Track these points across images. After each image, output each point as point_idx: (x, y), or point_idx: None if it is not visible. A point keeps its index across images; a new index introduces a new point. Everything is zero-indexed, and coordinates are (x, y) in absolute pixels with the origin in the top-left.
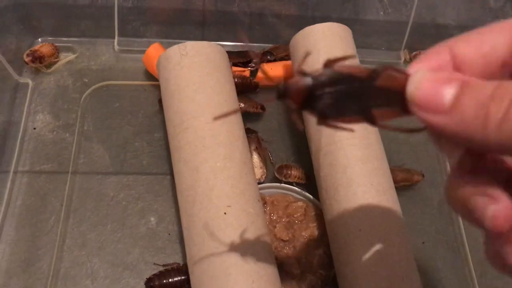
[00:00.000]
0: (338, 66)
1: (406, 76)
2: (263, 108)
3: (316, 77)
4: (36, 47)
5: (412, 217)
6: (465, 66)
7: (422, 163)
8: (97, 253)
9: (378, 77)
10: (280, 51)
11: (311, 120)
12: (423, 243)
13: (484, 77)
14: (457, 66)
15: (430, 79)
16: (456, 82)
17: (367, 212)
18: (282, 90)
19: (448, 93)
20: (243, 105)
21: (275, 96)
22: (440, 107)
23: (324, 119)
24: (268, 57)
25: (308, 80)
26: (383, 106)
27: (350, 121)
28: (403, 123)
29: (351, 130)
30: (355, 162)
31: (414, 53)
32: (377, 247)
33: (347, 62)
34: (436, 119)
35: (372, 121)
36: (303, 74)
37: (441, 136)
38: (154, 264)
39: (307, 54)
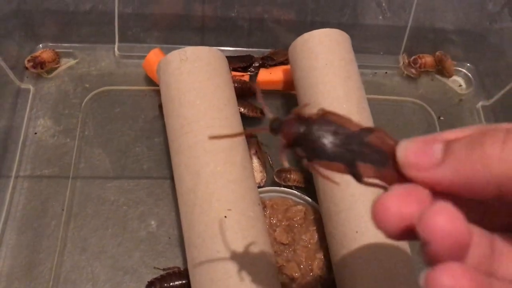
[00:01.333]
0: (333, 116)
1: (396, 142)
2: (262, 112)
3: (310, 122)
4: (37, 53)
5: None
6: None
7: None
8: (98, 257)
9: (369, 135)
10: (279, 56)
11: None
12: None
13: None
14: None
15: (417, 141)
16: (441, 141)
17: (364, 214)
18: (275, 126)
19: (437, 148)
20: (242, 110)
21: (268, 127)
22: (432, 160)
23: (311, 161)
24: (268, 62)
25: (301, 127)
26: (368, 162)
27: (335, 169)
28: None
29: (336, 183)
30: None
31: (413, 57)
32: (375, 249)
33: (343, 113)
34: (431, 174)
35: (356, 174)
36: (299, 117)
37: (437, 193)
38: (155, 268)
39: (305, 105)
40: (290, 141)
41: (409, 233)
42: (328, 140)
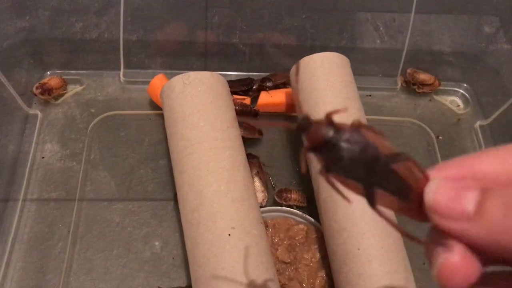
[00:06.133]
0: (368, 132)
1: (425, 177)
2: (260, 132)
3: (340, 132)
4: (45, 80)
5: None
6: (487, 182)
7: None
8: (103, 278)
9: (398, 162)
10: (278, 78)
11: None
12: (423, 264)
13: None
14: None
15: (448, 185)
16: (476, 188)
17: (366, 231)
18: (304, 125)
19: (470, 198)
20: (241, 131)
21: (295, 125)
22: (463, 213)
23: (327, 172)
24: (267, 83)
25: (330, 132)
26: (388, 191)
27: (350, 187)
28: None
29: (349, 201)
30: None
31: (408, 69)
32: (376, 266)
33: (376, 134)
34: (460, 227)
35: (371, 199)
36: (330, 123)
37: (463, 243)
38: (159, 287)
39: (341, 110)
40: (313, 144)
41: None
42: (353, 155)
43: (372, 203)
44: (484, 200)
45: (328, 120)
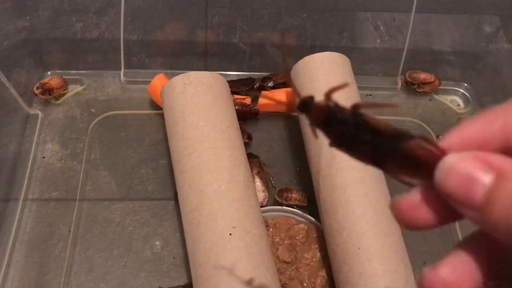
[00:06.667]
0: (366, 114)
1: (440, 152)
2: (249, 137)
3: (342, 112)
4: (45, 80)
5: (413, 236)
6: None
7: None
8: (104, 278)
9: (405, 142)
10: (279, 77)
11: (311, 142)
12: (424, 263)
13: None
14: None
15: (461, 168)
16: (491, 172)
17: (366, 231)
18: (305, 105)
19: (481, 187)
20: None
21: (297, 104)
22: (473, 203)
23: (336, 144)
24: (269, 83)
25: (333, 110)
26: (399, 168)
27: (358, 159)
28: None
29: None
30: (354, 183)
31: (408, 71)
32: (376, 265)
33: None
34: (468, 213)
35: (383, 168)
36: (332, 103)
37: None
38: (160, 287)
39: (343, 85)
40: (318, 121)
41: None
42: (354, 135)
43: (385, 170)
44: (494, 192)
45: (328, 98)
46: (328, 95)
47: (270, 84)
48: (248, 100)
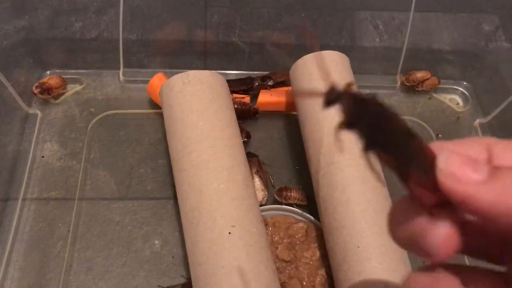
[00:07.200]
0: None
1: (433, 152)
2: (248, 136)
3: (368, 101)
4: (44, 79)
5: None
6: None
7: None
8: (103, 277)
9: (412, 139)
10: (278, 76)
11: (310, 141)
12: (423, 262)
13: None
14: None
15: (462, 155)
16: (486, 166)
17: (365, 229)
18: (333, 98)
19: (483, 167)
20: None
21: (323, 100)
22: (477, 176)
23: (369, 149)
24: (268, 82)
25: (362, 103)
26: (416, 167)
27: (385, 161)
28: None
29: (383, 184)
30: (353, 182)
31: (404, 77)
32: (376, 264)
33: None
34: (472, 190)
35: (405, 175)
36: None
37: (471, 212)
38: (159, 286)
39: (351, 83)
40: (349, 118)
41: None
42: (386, 127)
43: (405, 178)
44: (497, 169)
45: (350, 90)
46: (348, 86)
47: (270, 83)
48: (247, 99)
